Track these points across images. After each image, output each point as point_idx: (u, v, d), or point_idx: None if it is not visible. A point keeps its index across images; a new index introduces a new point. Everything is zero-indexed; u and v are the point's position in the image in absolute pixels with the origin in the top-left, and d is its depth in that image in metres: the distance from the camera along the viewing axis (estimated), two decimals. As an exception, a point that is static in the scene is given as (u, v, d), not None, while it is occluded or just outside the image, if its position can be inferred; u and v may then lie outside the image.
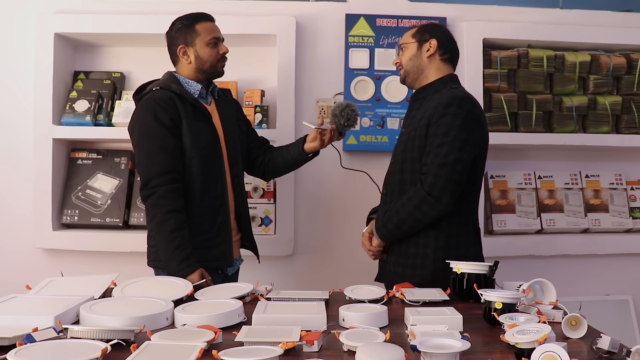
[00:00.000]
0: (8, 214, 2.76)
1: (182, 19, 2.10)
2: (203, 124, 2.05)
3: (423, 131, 1.94)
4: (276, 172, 2.36)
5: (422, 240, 1.96)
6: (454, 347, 1.12)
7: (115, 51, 2.88)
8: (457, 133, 1.88)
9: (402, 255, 2.00)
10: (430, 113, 1.94)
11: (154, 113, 1.97)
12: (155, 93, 2.02)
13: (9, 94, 2.77)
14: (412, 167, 1.98)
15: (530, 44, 2.90)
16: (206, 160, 2.04)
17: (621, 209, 2.97)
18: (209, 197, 2.04)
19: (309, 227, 2.81)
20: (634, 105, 2.94)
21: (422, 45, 2.06)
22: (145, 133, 1.99)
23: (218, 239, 2.04)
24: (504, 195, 2.92)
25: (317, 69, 2.80)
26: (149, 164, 1.97)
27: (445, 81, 2.04)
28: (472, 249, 2.01)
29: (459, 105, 1.91)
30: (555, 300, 1.53)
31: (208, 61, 2.09)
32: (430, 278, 1.90)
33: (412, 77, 2.08)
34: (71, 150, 2.84)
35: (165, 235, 1.93)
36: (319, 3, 2.84)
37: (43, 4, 2.73)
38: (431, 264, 1.94)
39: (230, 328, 1.35)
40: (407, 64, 2.08)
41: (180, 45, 2.08)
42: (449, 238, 1.95)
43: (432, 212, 1.90)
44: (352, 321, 1.40)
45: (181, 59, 2.09)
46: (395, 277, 1.97)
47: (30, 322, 1.27)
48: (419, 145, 1.95)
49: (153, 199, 1.95)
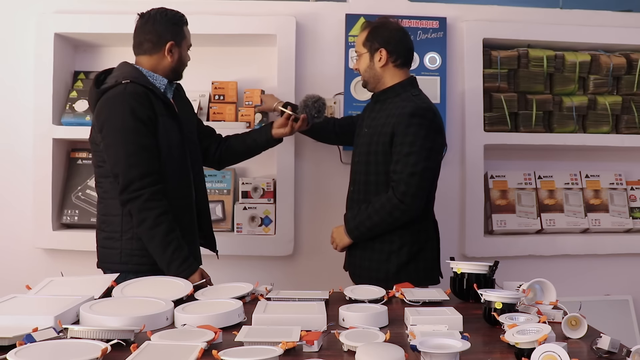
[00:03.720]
0: (8, 214, 2.76)
1: (172, 15, 2.03)
2: (172, 121, 1.99)
3: (387, 138, 2.06)
4: (234, 159, 2.39)
5: (387, 237, 2.10)
6: (454, 347, 1.12)
7: (115, 51, 2.87)
8: (422, 142, 2.01)
9: (368, 250, 2.14)
10: (395, 121, 2.05)
11: (131, 108, 1.87)
12: (127, 86, 1.91)
13: (9, 93, 2.76)
14: (376, 169, 2.11)
15: (530, 44, 2.89)
16: (178, 159, 2.00)
17: (621, 209, 2.97)
18: (179, 196, 1.99)
19: (309, 227, 2.81)
20: (634, 105, 2.94)
21: (373, 55, 2.15)
22: (123, 130, 1.88)
23: (186, 238, 1.96)
24: (504, 195, 2.92)
25: (317, 69, 2.80)
26: (131, 165, 1.87)
27: (405, 85, 2.15)
28: (430, 244, 2.18)
29: (422, 116, 2.04)
30: (555, 300, 1.54)
31: (184, 65, 2.09)
32: (395, 272, 2.07)
33: (371, 85, 2.20)
34: (71, 150, 2.84)
35: (161, 239, 1.87)
36: (319, 3, 2.84)
37: (43, 4, 2.72)
38: (396, 259, 2.09)
39: (230, 328, 1.35)
40: (364, 74, 2.19)
41: (170, 42, 2.01)
42: (411, 235, 2.10)
43: (403, 218, 2.05)
44: (352, 321, 1.40)
45: (162, 54, 2.01)
46: (362, 270, 2.14)
47: (30, 322, 1.27)
48: (383, 151, 2.08)
49: (139, 204, 1.87)
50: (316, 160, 2.78)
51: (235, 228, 2.73)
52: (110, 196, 1.96)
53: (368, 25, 2.22)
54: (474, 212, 2.79)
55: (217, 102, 2.75)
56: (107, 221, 1.99)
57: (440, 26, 2.80)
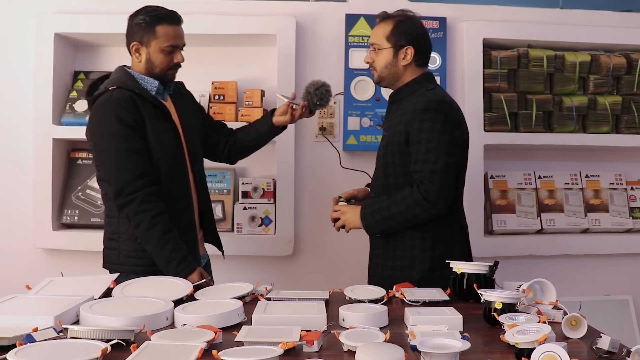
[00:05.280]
0: (8, 214, 2.76)
1: (146, 14, 1.96)
2: (164, 123, 1.98)
3: (402, 137, 1.95)
4: (244, 152, 2.30)
5: (408, 243, 1.97)
6: (454, 347, 1.12)
7: (115, 51, 2.87)
8: (439, 137, 1.89)
9: (389, 258, 2.00)
10: (408, 119, 1.94)
11: (116, 115, 1.88)
12: (113, 93, 1.92)
13: (9, 93, 2.76)
14: (394, 171, 1.99)
15: (530, 44, 2.89)
16: (171, 160, 1.99)
17: (621, 209, 2.97)
18: (174, 197, 1.98)
19: (309, 227, 2.81)
20: (634, 105, 2.94)
21: (397, 51, 2.00)
22: (111, 137, 1.89)
23: (183, 238, 1.96)
24: (504, 195, 2.92)
25: (317, 69, 2.80)
26: (121, 170, 1.88)
27: (420, 81, 2.03)
28: (458, 247, 2.02)
29: (436, 110, 1.92)
30: (555, 300, 1.54)
31: (158, 67, 1.98)
32: (418, 279, 1.91)
33: (387, 82, 2.07)
34: (71, 150, 2.84)
35: (157, 240, 1.88)
36: (319, 3, 2.84)
37: (43, 4, 2.73)
38: (419, 265, 1.95)
39: (230, 328, 1.35)
40: (382, 70, 2.03)
41: (134, 42, 1.97)
42: (434, 238, 1.96)
43: (424, 215, 1.91)
44: (352, 321, 1.40)
45: (133, 55, 2.00)
46: (383, 279, 1.96)
47: (30, 322, 1.27)
48: (400, 151, 1.97)
49: (134, 207, 1.87)
50: (316, 160, 2.78)
51: (235, 228, 2.73)
52: (109, 198, 1.97)
53: (388, 17, 2.05)
54: (474, 212, 2.79)
55: (217, 102, 2.75)
56: (109, 222, 2.01)
57: (440, 26, 2.80)
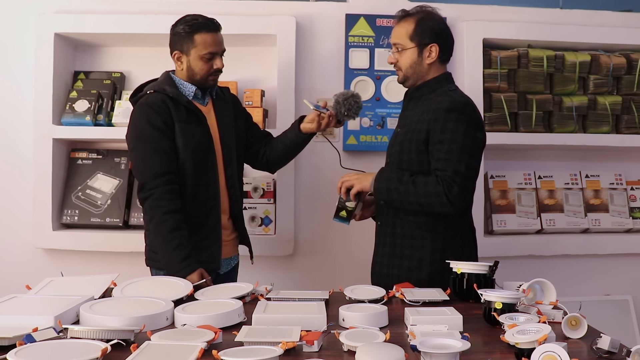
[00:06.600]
0: (8, 214, 2.76)
1: (185, 23, 2.06)
2: (196, 126, 2.06)
3: (422, 135, 1.92)
4: (279, 161, 2.31)
5: (418, 243, 1.95)
6: (454, 347, 1.12)
7: (115, 51, 2.87)
8: (463, 139, 1.86)
9: (397, 257, 1.99)
10: (431, 117, 1.90)
11: (147, 117, 2.00)
12: (149, 96, 2.04)
13: (9, 94, 2.76)
14: (409, 168, 1.95)
15: (530, 44, 2.89)
16: (198, 162, 2.04)
17: (621, 209, 2.97)
18: (200, 199, 2.05)
19: (309, 227, 2.81)
20: (634, 105, 2.94)
21: (422, 50, 1.99)
22: (140, 137, 2.01)
23: (207, 241, 2.04)
24: (504, 195, 2.92)
25: (317, 69, 2.80)
26: (145, 167, 2.00)
27: (440, 80, 2.01)
28: (467, 250, 2.01)
29: (460, 111, 1.89)
30: (555, 300, 1.54)
31: (199, 74, 2.08)
32: (427, 280, 1.89)
33: (412, 81, 2.04)
34: (71, 150, 2.84)
35: (164, 235, 1.94)
36: (319, 3, 2.84)
37: (43, 4, 2.73)
38: (428, 266, 1.93)
39: (230, 328, 1.35)
40: (408, 70, 2.01)
41: (175, 51, 2.09)
42: (444, 240, 1.95)
43: (438, 209, 1.87)
44: (352, 321, 1.40)
45: (175, 63, 2.12)
46: (390, 279, 1.94)
47: (30, 322, 1.27)
48: (417, 149, 1.93)
49: (150, 201, 1.97)
50: (316, 160, 2.78)
51: (235, 228, 2.73)
52: None
53: (408, 15, 2.02)
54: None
55: (217, 102, 2.75)
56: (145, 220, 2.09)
57: (440, 26, 2.80)
